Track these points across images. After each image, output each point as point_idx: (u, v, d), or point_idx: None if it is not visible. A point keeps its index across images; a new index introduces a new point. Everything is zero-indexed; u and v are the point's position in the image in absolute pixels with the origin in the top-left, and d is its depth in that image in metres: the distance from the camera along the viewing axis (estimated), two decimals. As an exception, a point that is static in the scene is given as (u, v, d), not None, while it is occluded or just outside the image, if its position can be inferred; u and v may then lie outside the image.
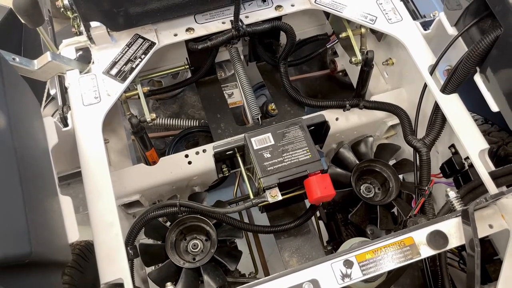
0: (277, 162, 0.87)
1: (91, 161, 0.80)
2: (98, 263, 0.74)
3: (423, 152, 0.91)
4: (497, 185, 0.81)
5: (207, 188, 1.18)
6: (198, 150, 1.02)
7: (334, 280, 0.73)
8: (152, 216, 0.89)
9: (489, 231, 0.78)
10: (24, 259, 0.53)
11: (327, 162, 1.22)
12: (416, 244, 0.76)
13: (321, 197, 0.84)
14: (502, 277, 0.74)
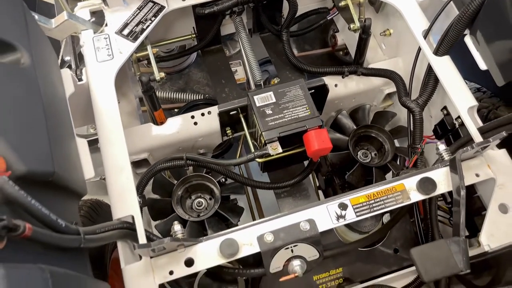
0: (278, 118, 0.92)
1: (104, 111, 0.86)
2: (111, 202, 0.80)
3: (416, 111, 0.96)
4: (485, 139, 0.86)
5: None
6: (204, 112, 1.08)
7: (329, 220, 0.79)
8: (160, 168, 0.95)
9: (476, 179, 0.83)
10: (48, 177, 0.59)
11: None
12: (407, 190, 0.81)
13: (319, 149, 0.89)
14: (487, 222, 0.79)
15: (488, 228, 0.78)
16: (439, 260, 0.68)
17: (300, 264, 0.78)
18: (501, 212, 0.79)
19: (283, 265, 0.78)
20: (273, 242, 0.76)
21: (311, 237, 0.77)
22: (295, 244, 0.77)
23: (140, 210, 0.80)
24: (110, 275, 1.07)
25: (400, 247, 1.01)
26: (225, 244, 0.75)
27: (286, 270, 0.78)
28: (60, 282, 0.49)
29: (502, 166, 0.83)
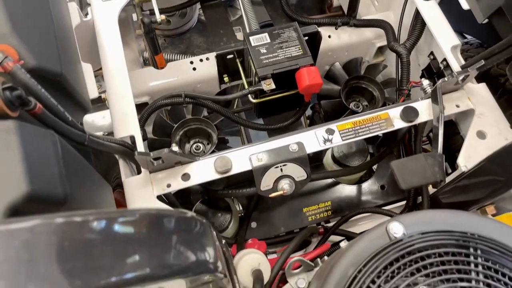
0: (272, 56, 0.97)
1: (108, 44, 0.91)
2: (114, 126, 0.86)
3: (403, 54, 1.01)
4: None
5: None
6: (202, 58, 1.13)
7: (317, 143, 0.84)
8: (160, 104, 1.01)
9: (456, 109, 0.88)
10: (56, 76, 0.64)
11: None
12: (391, 118, 0.87)
13: (310, 85, 0.94)
14: (465, 146, 0.84)
15: (466, 152, 0.83)
16: (417, 171, 0.73)
17: (289, 183, 0.83)
18: (479, 138, 0.84)
19: (273, 183, 0.83)
20: (264, 161, 0.82)
21: (299, 157, 0.83)
22: (284, 164, 0.82)
23: (140, 133, 0.85)
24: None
25: (386, 184, 1.06)
26: (220, 161, 0.81)
27: (275, 188, 0.83)
28: (68, 153, 0.55)
29: (481, 98, 0.88)
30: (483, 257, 0.51)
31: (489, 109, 0.87)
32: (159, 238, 0.37)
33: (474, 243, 0.52)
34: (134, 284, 0.34)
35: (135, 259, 0.34)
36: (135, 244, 0.35)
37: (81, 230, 0.32)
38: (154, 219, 0.38)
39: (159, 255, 0.36)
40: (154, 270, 0.35)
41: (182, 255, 0.39)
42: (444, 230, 0.54)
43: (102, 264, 0.32)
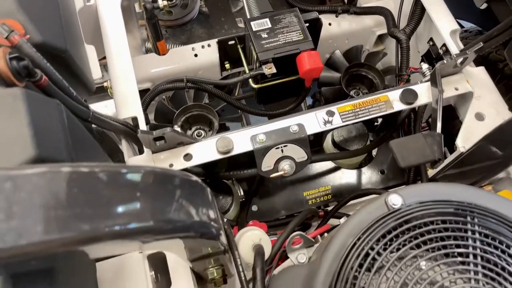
0: (273, 41, 0.99)
1: (110, 25, 0.93)
2: (116, 108, 0.87)
3: (403, 40, 1.02)
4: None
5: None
6: (204, 44, 1.14)
7: (317, 125, 0.85)
8: (162, 88, 1.02)
9: (455, 92, 0.89)
10: (61, 53, 0.66)
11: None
12: (390, 100, 0.88)
13: (310, 69, 0.95)
14: (463, 128, 0.85)
15: (464, 133, 0.84)
16: (416, 150, 0.74)
17: (289, 163, 0.84)
18: (477, 120, 0.85)
19: (274, 164, 0.84)
20: (265, 141, 0.83)
21: (300, 139, 0.84)
22: (285, 145, 0.83)
23: (143, 115, 0.86)
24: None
25: (386, 169, 1.07)
26: (221, 141, 0.82)
27: (276, 168, 0.84)
28: (74, 124, 0.56)
29: (479, 81, 0.89)
30: (480, 225, 0.53)
31: (488, 91, 0.88)
32: (163, 194, 0.38)
33: (471, 212, 0.53)
34: (138, 235, 0.35)
35: (139, 211, 0.35)
36: (140, 197, 0.36)
37: (89, 179, 0.33)
38: (159, 176, 0.39)
39: (163, 210, 0.37)
40: (157, 223, 0.36)
41: (186, 213, 0.40)
42: (441, 200, 0.55)
43: (108, 212, 0.33)
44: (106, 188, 0.34)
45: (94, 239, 0.32)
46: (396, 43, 1.05)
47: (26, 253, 0.29)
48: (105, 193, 0.34)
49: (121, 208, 0.34)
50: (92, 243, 0.33)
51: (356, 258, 0.52)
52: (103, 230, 0.32)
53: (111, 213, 0.33)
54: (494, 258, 0.50)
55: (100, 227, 0.32)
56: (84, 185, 0.33)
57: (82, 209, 0.32)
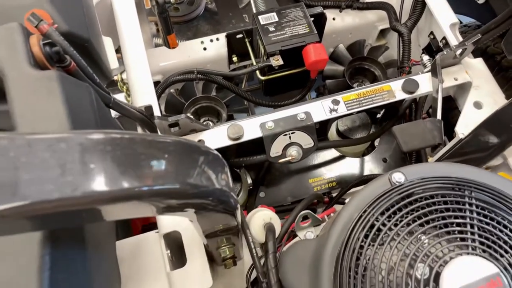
0: (280, 34, 1.03)
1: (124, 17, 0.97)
2: (132, 97, 0.91)
3: (404, 33, 1.07)
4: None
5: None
6: (212, 38, 1.19)
7: (323, 113, 0.90)
8: (174, 80, 1.06)
9: (454, 82, 0.93)
10: (84, 42, 0.70)
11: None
12: (393, 90, 0.92)
13: (316, 60, 1.00)
14: (462, 115, 0.90)
15: (463, 120, 0.88)
16: (417, 135, 0.79)
17: (297, 149, 0.88)
18: (475, 108, 0.90)
19: (282, 150, 0.89)
20: (273, 128, 0.87)
21: (307, 126, 0.88)
22: (292, 132, 0.88)
23: (157, 103, 0.91)
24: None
25: (388, 158, 1.11)
26: (232, 128, 0.86)
27: (284, 154, 0.89)
28: (101, 106, 0.60)
29: (478, 71, 0.93)
30: (477, 199, 0.57)
31: (485, 81, 0.92)
32: (189, 161, 0.43)
33: (468, 187, 0.58)
34: (164, 196, 0.40)
35: (167, 174, 0.39)
36: (169, 161, 0.40)
37: (129, 144, 0.37)
38: (185, 145, 0.43)
39: (188, 175, 0.42)
40: (183, 185, 0.40)
41: (208, 180, 0.45)
42: (441, 176, 0.59)
43: (143, 173, 0.37)
44: (142, 151, 0.38)
45: (134, 197, 0.37)
46: (398, 36, 1.10)
47: (80, 203, 0.33)
48: (143, 157, 0.38)
49: (152, 170, 0.38)
50: (130, 200, 0.37)
51: (362, 229, 0.56)
52: (139, 190, 0.37)
53: (144, 174, 0.38)
54: (490, 228, 0.55)
55: (136, 186, 0.36)
56: (126, 149, 0.37)
57: (125, 169, 0.36)
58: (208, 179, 0.45)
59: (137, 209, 0.41)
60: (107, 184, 0.34)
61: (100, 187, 0.34)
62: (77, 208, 0.34)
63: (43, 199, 0.32)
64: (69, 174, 0.33)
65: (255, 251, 0.72)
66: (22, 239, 0.47)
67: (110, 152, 0.36)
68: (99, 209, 0.37)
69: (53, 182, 0.32)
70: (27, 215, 0.32)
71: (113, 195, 0.34)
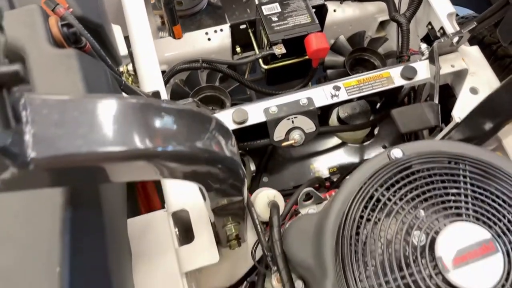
0: (283, 24, 1.06)
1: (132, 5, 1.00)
2: (140, 83, 0.94)
3: (403, 23, 1.10)
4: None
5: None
6: (216, 29, 1.22)
7: (324, 98, 0.93)
8: (180, 68, 1.09)
9: (451, 69, 0.97)
10: (97, 27, 0.73)
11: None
12: (392, 76, 0.95)
13: (317, 49, 1.03)
14: (458, 100, 0.93)
15: (459, 105, 0.92)
16: (415, 117, 0.82)
17: (299, 133, 0.92)
18: (471, 94, 0.93)
19: (285, 134, 0.92)
20: (276, 113, 0.91)
21: (309, 111, 0.91)
22: (295, 116, 0.91)
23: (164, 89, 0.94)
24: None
25: (388, 144, 1.15)
26: (237, 112, 0.90)
27: (287, 138, 0.92)
28: (115, 86, 0.63)
29: (474, 58, 0.97)
30: (471, 171, 0.60)
31: (481, 68, 0.96)
32: (200, 127, 0.46)
33: (463, 161, 0.61)
34: (174, 158, 0.43)
35: (180, 136, 0.43)
36: (181, 125, 0.43)
37: (147, 108, 0.41)
38: (197, 113, 0.47)
39: (199, 140, 0.45)
40: (193, 149, 0.43)
41: (219, 147, 0.48)
42: (438, 151, 0.62)
43: (157, 135, 0.41)
44: (158, 116, 0.41)
45: (148, 156, 0.40)
46: (397, 27, 1.13)
47: (105, 158, 0.37)
48: (157, 121, 0.41)
49: (167, 133, 0.42)
50: (145, 160, 0.40)
51: (362, 200, 0.59)
52: (153, 150, 0.40)
53: (162, 136, 0.41)
54: (483, 198, 0.58)
55: (150, 146, 0.40)
56: (144, 112, 0.40)
57: (146, 130, 0.39)
58: (218, 146, 0.48)
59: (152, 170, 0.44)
60: (125, 143, 0.37)
61: (119, 146, 0.37)
62: (99, 164, 0.37)
63: (74, 152, 0.35)
64: (96, 132, 0.37)
65: (259, 227, 0.75)
66: (45, 203, 0.51)
67: (130, 115, 0.39)
68: (119, 166, 0.40)
69: (83, 137, 0.36)
70: (58, 166, 0.35)
71: (131, 153, 0.38)
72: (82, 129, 0.36)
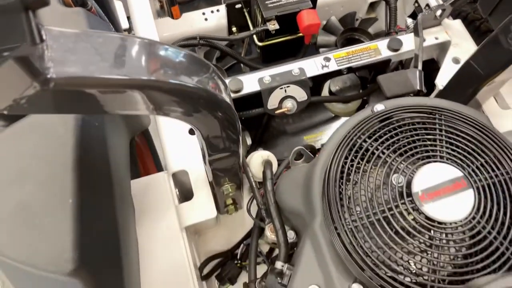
0: (276, 1, 1.11)
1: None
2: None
3: (391, 1, 1.15)
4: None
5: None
6: (213, 9, 1.27)
7: (315, 68, 0.98)
8: (178, 46, 1.14)
9: (435, 41, 1.02)
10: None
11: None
12: (379, 48, 1.01)
13: (309, 25, 1.08)
14: (442, 70, 0.99)
15: (442, 74, 0.97)
16: (400, 82, 0.88)
17: (292, 102, 0.97)
18: (454, 63, 0.98)
19: (278, 102, 0.97)
20: (270, 82, 0.96)
21: (301, 80, 0.97)
22: (287, 85, 0.96)
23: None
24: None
25: (377, 117, 1.20)
26: (233, 81, 0.95)
27: (280, 107, 0.97)
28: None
29: (456, 31, 1.02)
30: (446, 120, 0.66)
31: (463, 40, 1.01)
32: (200, 69, 0.51)
33: (439, 111, 0.66)
34: (174, 92, 0.47)
35: (181, 72, 0.48)
36: (183, 63, 0.49)
37: (151, 45, 0.46)
38: (198, 57, 0.52)
39: (198, 77, 0.50)
40: (193, 85, 0.49)
41: (217, 88, 0.53)
42: (416, 105, 0.68)
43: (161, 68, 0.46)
44: (163, 53, 0.47)
45: (153, 86, 0.45)
46: (385, 5, 1.18)
47: (113, 84, 0.42)
48: (161, 57, 0.47)
49: (171, 69, 0.47)
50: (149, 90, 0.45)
51: (346, 146, 0.65)
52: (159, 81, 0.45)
53: (166, 69, 0.46)
54: (457, 143, 0.63)
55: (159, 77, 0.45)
56: (151, 49, 0.46)
57: (151, 63, 0.45)
58: (216, 87, 0.53)
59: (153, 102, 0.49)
60: (132, 73, 0.43)
61: (126, 74, 0.42)
62: (108, 89, 0.42)
63: (86, 75, 0.40)
64: (106, 60, 0.42)
65: (254, 184, 0.81)
66: (58, 144, 0.56)
67: (138, 50, 0.45)
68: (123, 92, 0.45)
69: (95, 64, 0.41)
70: (74, 87, 0.40)
71: (136, 82, 0.43)
72: (94, 57, 0.41)
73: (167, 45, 0.49)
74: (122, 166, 0.75)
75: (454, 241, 0.57)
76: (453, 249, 0.57)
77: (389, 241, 0.56)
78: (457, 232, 0.57)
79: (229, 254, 0.97)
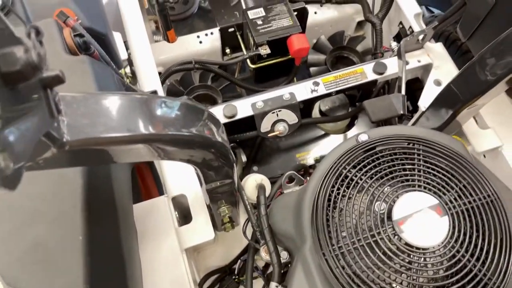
0: (267, 27, 1.17)
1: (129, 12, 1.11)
2: (139, 82, 1.05)
3: (377, 23, 1.21)
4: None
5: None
6: (207, 33, 1.32)
7: (305, 93, 1.04)
8: (174, 70, 1.19)
9: (418, 64, 1.08)
10: (102, 35, 0.84)
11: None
12: (365, 72, 1.06)
13: (299, 49, 1.13)
14: (424, 92, 1.04)
15: (425, 95, 1.03)
16: (384, 107, 0.93)
17: (283, 125, 1.03)
18: (435, 85, 1.04)
19: (271, 126, 1.03)
20: (263, 107, 1.01)
21: (292, 104, 1.02)
22: (279, 110, 1.02)
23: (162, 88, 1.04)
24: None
25: (365, 134, 1.25)
26: (227, 108, 1.00)
27: (272, 130, 1.03)
28: (121, 87, 0.74)
29: (438, 54, 1.08)
30: (424, 150, 0.71)
31: (444, 62, 1.07)
32: (194, 117, 0.57)
33: (417, 142, 0.72)
34: (173, 142, 0.53)
35: (178, 123, 0.53)
36: (178, 115, 0.54)
37: (149, 101, 0.51)
38: (192, 105, 0.57)
39: (194, 126, 0.55)
40: (189, 134, 0.54)
41: (211, 132, 0.59)
42: (397, 134, 0.73)
43: (159, 122, 0.51)
44: (160, 108, 0.52)
45: (154, 140, 0.51)
46: (371, 27, 1.24)
47: (119, 141, 0.47)
48: (159, 111, 0.52)
49: (169, 122, 0.52)
50: (151, 143, 0.51)
51: (333, 176, 0.70)
52: (159, 134, 0.50)
53: (164, 123, 0.52)
54: (434, 172, 0.69)
55: (158, 131, 0.50)
56: (149, 106, 0.51)
57: (150, 119, 0.50)
58: (210, 132, 0.59)
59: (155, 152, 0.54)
60: (135, 129, 0.48)
61: (131, 131, 0.48)
62: (115, 146, 0.48)
63: (97, 136, 0.46)
64: (112, 121, 0.47)
65: (249, 206, 0.86)
66: (68, 186, 0.61)
67: (138, 107, 0.50)
68: (130, 148, 0.50)
69: (103, 125, 0.46)
70: (86, 147, 0.46)
71: (139, 137, 0.48)
72: (102, 118, 0.46)
73: (164, 98, 0.54)
74: (125, 194, 0.80)
75: (432, 264, 0.62)
76: (431, 272, 0.63)
77: (371, 265, 0.62)
78: (434, 256, 0.63)
79: (227, 270, 1.03)
